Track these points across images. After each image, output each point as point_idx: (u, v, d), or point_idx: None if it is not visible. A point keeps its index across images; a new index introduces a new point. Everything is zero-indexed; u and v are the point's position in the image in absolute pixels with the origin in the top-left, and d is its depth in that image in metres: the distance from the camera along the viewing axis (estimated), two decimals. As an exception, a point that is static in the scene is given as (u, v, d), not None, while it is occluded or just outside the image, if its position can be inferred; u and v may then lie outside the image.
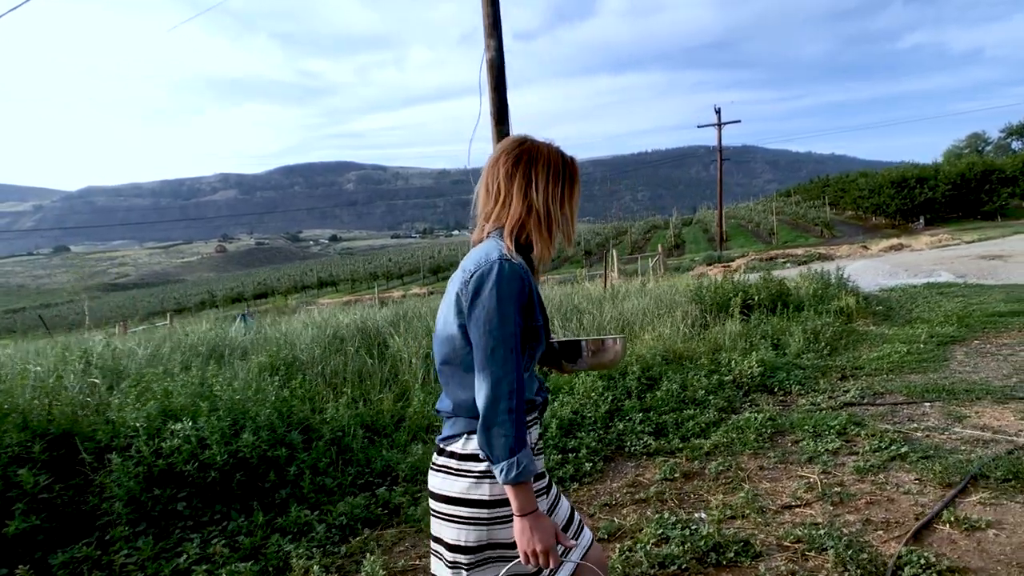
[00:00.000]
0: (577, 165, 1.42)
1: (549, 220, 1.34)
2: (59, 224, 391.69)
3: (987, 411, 3.99)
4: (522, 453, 1.20)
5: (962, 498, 2.77)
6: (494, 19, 7.17)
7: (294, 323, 7.83)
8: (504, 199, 1.34)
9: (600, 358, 1.52)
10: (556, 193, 1.35)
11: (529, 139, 1.39)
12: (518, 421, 1.21)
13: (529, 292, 1.28)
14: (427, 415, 4.20)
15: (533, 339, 1.32)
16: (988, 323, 6.97)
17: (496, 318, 1.22)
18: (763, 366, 5.14)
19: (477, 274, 1.26)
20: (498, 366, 1.21)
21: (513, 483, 1.20)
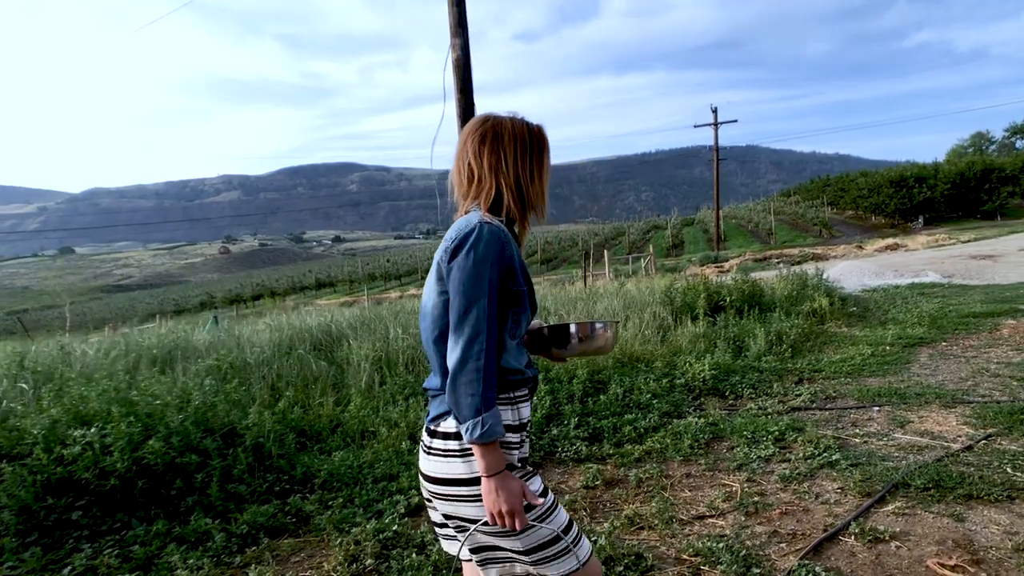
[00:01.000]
0: (544, 133, 1.40)
1: (522, 195, 1.34)
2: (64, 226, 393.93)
3: (933, 416, 3.88)
4: (488, 413, 1.19)
5: (879, 508, 2.68)
6: (459, 18, 7.10)
7: (259, 325, 7.78)
8: (477, 179, 1.34)
9: (589, 344, 1.49)
10: (526, 167, 1.34)
11: (493, 116, 1.38)
12: (486, 381, 1.20)
13: (510, 255, 1.27)
14: (363, 420, 4.12)
15: (516, 304, 1.29)
16: (960, 324, 6.85)
17: (471, 278, 1.21)
18: (717, 369, 5.05)
19: (457, 238, 1.25)
20: (471, 326, 1.20)
21: (479, 442, 1.19)
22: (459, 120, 7.13)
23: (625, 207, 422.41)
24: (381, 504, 3.05)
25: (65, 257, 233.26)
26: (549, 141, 1.41)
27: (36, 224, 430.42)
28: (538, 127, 1.39)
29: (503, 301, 1.26)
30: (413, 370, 5.14)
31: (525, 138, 1.35)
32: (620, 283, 10.91)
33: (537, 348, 1.51)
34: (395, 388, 4.65)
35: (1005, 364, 5.07)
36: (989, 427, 3.56)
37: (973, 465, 3.04)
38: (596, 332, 1.49)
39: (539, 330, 1.50)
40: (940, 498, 2.70)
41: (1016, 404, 3.88)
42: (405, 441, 3.76)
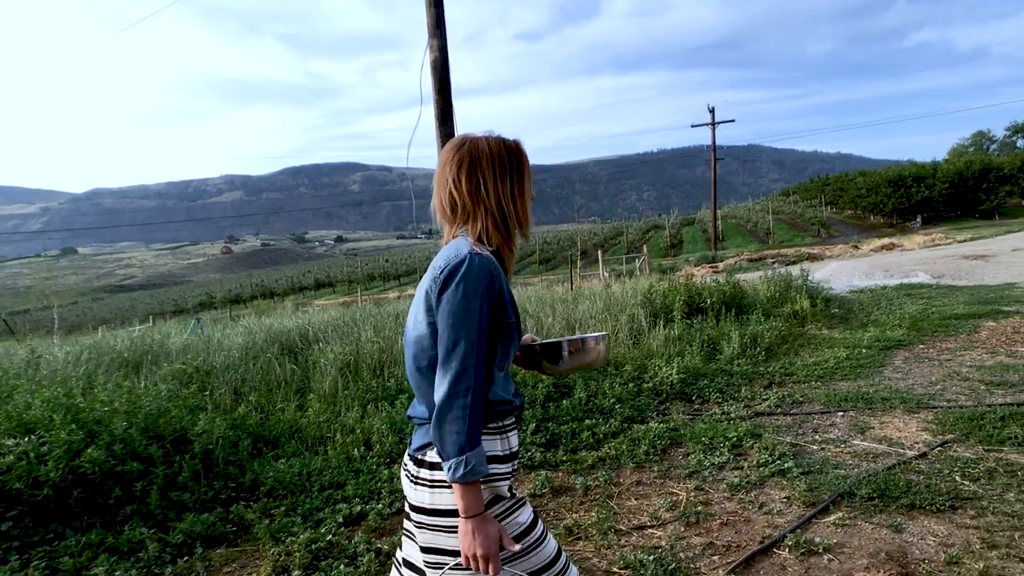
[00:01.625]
0: (522, 148, 1.37)
1: (505, 218, 1.31)
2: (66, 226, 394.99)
3: (895, 421, 3.83)
4: (472, 452, 1.17)
5: (820, 518, 2.63)
6: (437, 19, 7.06)
7: (239, 328, 7.74)
8: (460, 207, 1.31)
9: (582, 359, 1.49)
10: (506, 188, 1.31)
11: (468, 138, 1.35)
12: (472, 419, 1.18)
13: (500, 288, 1.25)
14: (321, 426, 4.08)
15: (505, 336, 1.28)
16: (940, 326, 6.79)
17: (461, 312, 1.20)
18: (686, 373, 5.00)
19: (447, 269, 1.23)
20: (459, 361, 1.18)
21: (461, 482, 1.17)
22: (437, 121, 7.09)
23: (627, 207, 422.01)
24: (323, 513, 3.01)
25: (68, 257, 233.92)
26: (527, 155, 1.38)
27: (39, 224, 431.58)
28: (515, 143, 1.36)
29: (492, 334, 1.25)
30: (380, 374, 5.09)
31: (503, 158, 1.32)
32: (606, 284, 10.86)
33: (529, 363, 1.51)
34: (357, 393, 4.61)
35: (977, 367, 5.01)
36: (948, 433, 3.51)
37: (923, 473, 2.98)
38: (587, 346, 1.49)
39: (531, 346, 1.50)
40: (883, 508, 2.65)
41: (978, 409, 3.83)
42: (359, 448, 3.71)
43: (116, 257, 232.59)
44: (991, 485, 2.80)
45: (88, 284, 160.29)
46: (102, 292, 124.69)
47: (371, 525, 2.89)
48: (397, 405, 4.21)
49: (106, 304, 78.19)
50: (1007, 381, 4.51)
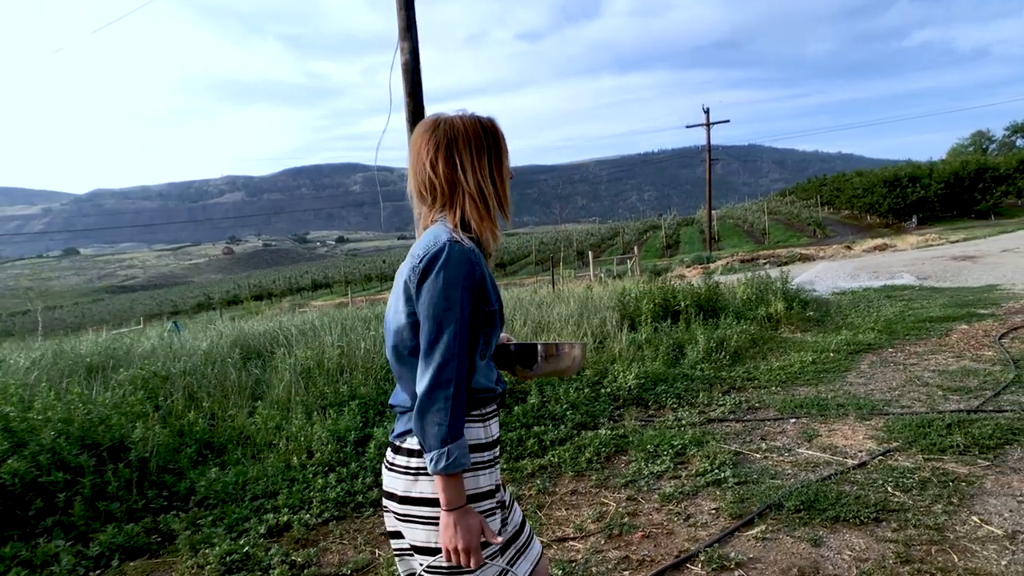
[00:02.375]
0: (497, 126, 1.32)
1: (485, 199, 1.27)
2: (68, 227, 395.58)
3: (844, 429, 3.78)
4: (455, 444, 1.16)
5: (744, 531, 2.58)
6: (408, 21, 7.03)
7: (209, 331, 7.71)
8: (438, 191, 1.27)
9: (555, 364, 1.46)
10: (484, 169, 1.27)
11: (442, 118, 1.30)
12: (454, 411, 1.16)
13: (480, 276, 1.23)
14: (268, 433, 4.04)
15: (487, 324, 1.25)
16: (914, 329, 6.73)
17: (442, 302, 1.17)
18: (645, 378, 4.95)
19: (426, 258, 1.20)
20: (441, 353, 1.16)
21: (443, 474, 1.16)
22: (408, 124, 7.06)
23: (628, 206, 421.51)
24: (249, 523, 2.96)
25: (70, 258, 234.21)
26: (503, 133, 1.33)
27: (41, 225, 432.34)
28: (490, 121, 1.31)
29: (474, 323, 1.22)
30: (337, 380, 5.04)
31: (480, 137, 1.27)
32: (588, 286, 10.81)
33: (502, 364, 1.47)
34: (311, 399, 4.57)
35: (940, 372, 4.95)
36: (893, 441, 3.45)
37: (858, 484, 2.93)
38: (562, 352, 1.45)
39: (506, 346, 1.47)
40: (808, 521, 2.60)
41: (928, 416, 3.77)
42: (301, 456, 3.67)
43: (118, 258, 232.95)
44: (921, 496, 2.74)
45: (90, 285, 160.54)
46: (104, 293, 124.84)
47: (294, 536, 2.85)
48: (344, 412, 4.17)
49: (106, 305, 78.30)
50: (965, 386, 4.46)
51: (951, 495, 2.73)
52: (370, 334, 6.25)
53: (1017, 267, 12.11)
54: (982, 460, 3.08)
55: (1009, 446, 3.25)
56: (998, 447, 3.23)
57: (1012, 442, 3.29)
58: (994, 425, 3.48)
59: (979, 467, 3.02)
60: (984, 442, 3.27)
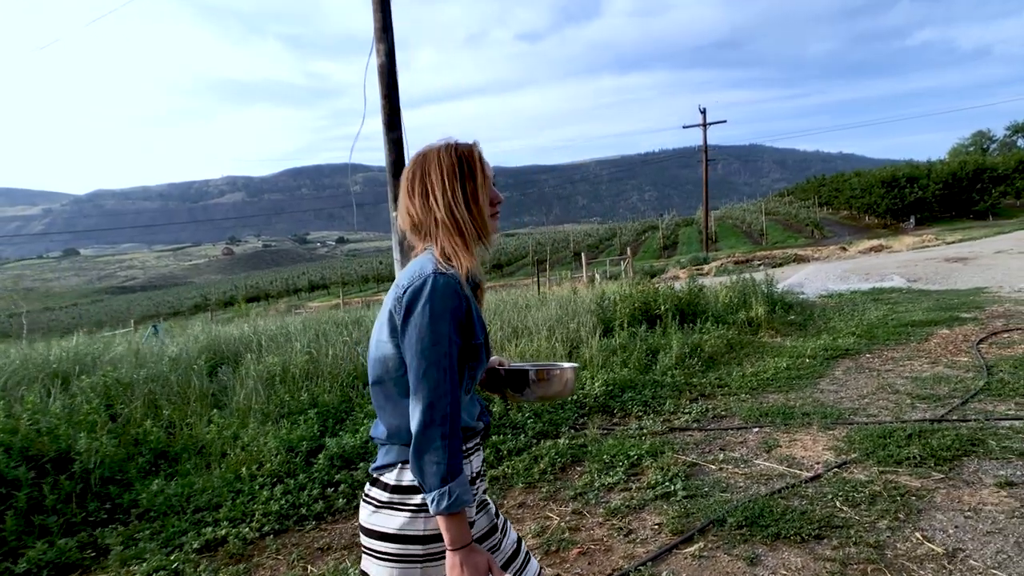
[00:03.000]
0: (475, 152, 1.29)
1: (459, 227, 1.24)
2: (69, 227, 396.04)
3: (806, 439, 3.71)
4: (455, 482, 1.13)
5: (682, 548, 2.51)
6: (384, 22, 6.97)
7: (186, 335, 7.65)
8: (417, 222, 1.27)
9: (547, 389, 1.43)
10: (456, 193, 1.24)
11: (423, 150, 1.30)
12: (451, 448, 1.14)
13: (467, 308, 1.21)
14: (225, 442, 3.98)
15: (472, 358, 1.24)
16: (894, 334, 6.66)
17: (429, 337, 1.15)
18: (612, 385, 4.88)
19: (410, 290, 1.18)
20: (431, 389, 1.14)
21: (445, 514, 1.13)
22: (385, 127, 7.00)
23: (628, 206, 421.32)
24: (187, 537, 2.90)
25: (70, 259, 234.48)
26: (482, 157, 1.29)
27: (41, 226, 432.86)
28: (465, 147, 1.28)
29: (460, 357, 1.20)
30: (302, 386, 4.98)
31: (452, 163, 1.25)
32: (573, 289, 10.74)
33: (493, 387, 1.45)
34: (271, 407, 4.51)
35: (913, 379, 4.88)
36: (852, 452, 3.39)
37: (807, 498, 2.87)
38: (552, 376, 1.42)
39: (496, 370, 1.45)
40: (749, 537, 2.53)
41: (891, 426, 3.70)
42: (251, 466, 3.61)
43: (118, 259, 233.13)
44: (869, 512, 2.68)
45: (90, 286, 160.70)
46: (103, 294, 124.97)
47: (229, 551, 2.79)
48: (301, 421, 4.10)
49: (104, 306, 78.34)
50: (935, 394, 4.39)
51: (899, 510, 2.66)
52: (341, 339, 6.19)
53: (1008, 269, 12.03)
54: (937, 473, 3.01)
55: (967, 457, 3.18)
56: (955, 459, 3.16)
57: (970, 453, 3.22)
58: (954, 436, 3.41)
59: (932, 480, 2.95)
60: (941, 454, 3.20)
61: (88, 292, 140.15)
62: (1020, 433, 3.45)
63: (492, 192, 1.30)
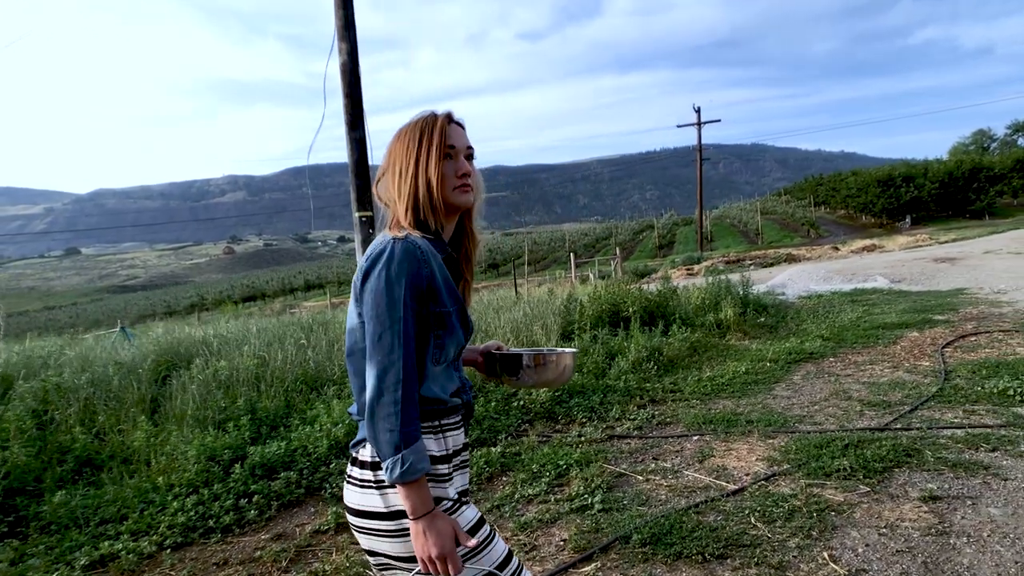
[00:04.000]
0: (435, 120, 1.26)
1: (407, 194, 1.23)
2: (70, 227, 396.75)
3: (743, 448, 3.59)
4: (409, 449, 1.11)
5: (580, 568, 2.40)
6: (346, 20, 6.87)
7: (148, 336, 7.55)
8: (386, 194, 1.28)
9: (543, 375, 1.41)
10: (410, 164, 1.23)
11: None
12: (404, 414, 1.11)
13: (429, 274, 1.18)
14: (152, 449, 3.87)
15: (439, 326, 1.20)
16: (863, 337, 6.53)
17: (384, 301, 1.13)
18: (560, 390, 4.76)
19: (370, 257, 1.18)
20: (384, 354, 1.12)
21: (400, 482, 1.11)
22: (347, 126, 6.90)
23: (630, 206, 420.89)
24: (80, 552, 2.80)
25: (71, 258, 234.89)
26: (443, 126, 1.25)
27: (43, 225, 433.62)
28: (429, 117, 1.26)
29: (422, 324, 1.18)
30: (240, 392, 4.86)
31: (413, 136, 1.24)
32: (549, 290, 10.63)
33: (490, 372, 1.45)
34: (207, 414, 4.40)
35: (870, 384, 4.76)
36: (785, 463, 3.27)
37: (724, 513, 2.75)
38: (548, 362, 1.41)
39: (492, 354, 1.45)
40: (650, 556, 2.41)
41: (832, 435, 3.58)
42: (171, 475, 3.50)
43: (119, 258, 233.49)
44: (783, 528, 2.56)
45: (92, 285, 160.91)
46: (104, 293, 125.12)
47: (120, 566, 2.68)
48: (230, 429, 4.00)
49: (103, 305, 78.46)
50: (887, 401, 4.27)
51: (813, 527, 2.54)
52: (294, 343, 6.09)
53: (992, 270, 11.89)
54: (864, 486, 2.90)
55: (898, 469, 3.06)
56: (886, 470, 3.04)
57: (903, 464, 3.10)
58: (891, 446, 3.30)
59: (857, 494, 2.83)
60: (874, 465, 3.08)
61: (89, 291, 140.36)
62: (959, 443, 3.34)
63: (459, 164, 1.25)
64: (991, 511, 2.58)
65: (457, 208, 1.27)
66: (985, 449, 3.23)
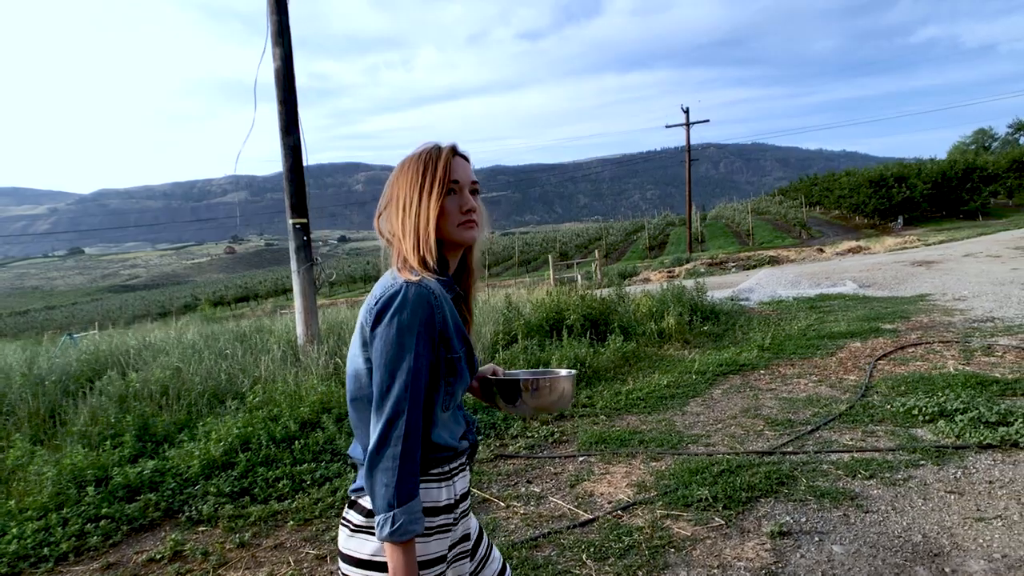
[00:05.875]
0: (441, 155, 1.21)
1: (410, 232, 1.18)
2: (73, 227, 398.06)
3: (621, 472, 3.45)
4: (402, 509, 1.05)
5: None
6: (280, 26, 6.75)
7: (84, 343, 7.44)
8: (389, 230, 1.22)
9: (540, 400, 1.33)
10: (413, 200, 1.18)
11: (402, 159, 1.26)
12: (402, 471, 1.06)
13: (442, 320, 1.14)
14: (20, 467, 3.75)
15: (451, 373, 1.16)
16: (804, 347, 6.39)
17: (394, 349, 1.09)
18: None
19: (381, 300, 1.12)
20: (391, 406, 1.08)
21: (388, 541, 1.06)
22: (281, 132, 6.79)
23: (630, 205, 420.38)
24: None
25: (75, 257, 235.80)
26: (448, 161, 1.20)
27: (47, 225, 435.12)
28: (433, 150, 1.21)
29: (433, 373, 1.14)
30: (132, 407, 4.74)
31: (416, 170, 1.20)
32: (507, 296, 10.48)
33: (487, 397, 1.38)
34: (95, 429, 4.28)
35: (785, 400, 4.62)
36: (653, 490, 3.13)
37: (560, 547, 2.61)
38: (541, 387, 1.32)
39: (488, 380, 1.37)
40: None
41: (717, 459, 3.44)
42: (27, 497, 3.38)
43: (122, 257, 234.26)
44: (612, 567, 2.42)
45: (94, 284, 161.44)
46: (106, 292, 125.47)
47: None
48: (106, 447, 3.87)
49: (101, 305, 78.57)
50: (792, 420, 4.12)
51: (643, 566, 2.40)
52: (215, 354, 5.97)
53: (965, 274, 11.72)
54: (719, 518, 2.75)
55: (764, 499, 2.92)
56: (751, 500, 2.90)
57: (771, 494, 2.96)
58: (769, 472, 3.16)
59: (708, 527, 2.69)
60: (740, 494, 2.94)
61: (91, 291, 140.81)
62: (840, 469, 3.20)
63: (464, 199, 1.21)
64: (834, 548, 2.44)
65: (461, 244, 1.23)
66: (862, 476, 3.08)
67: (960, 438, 3.44)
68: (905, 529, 2.55)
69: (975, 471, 3.04)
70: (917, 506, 2.74)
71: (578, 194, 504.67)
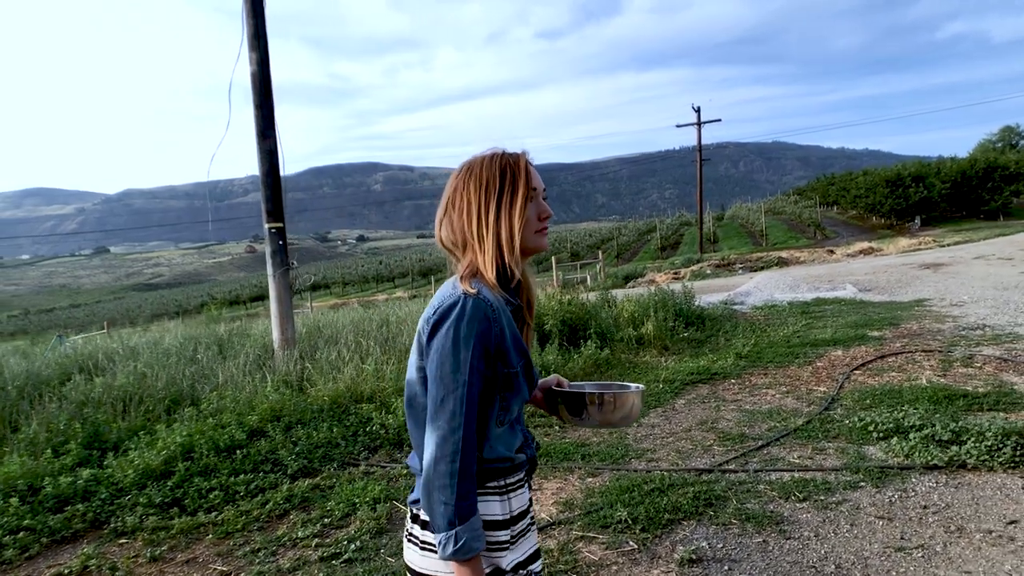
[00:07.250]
0: (521, 162, 1.18)
1: (488, 241, 1.14)
2: (100, 226, 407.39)
3: (551, 489, 3.35)
4: (464, 526, 1.04)
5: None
6: (256, 30, 6.77)
7: (65, 345, 7.54)
8: (458, 240, 1.18)
9: (608, 415, 1.29)
10: (491, 207, 1.15)
11: (468, 162, 1.20)
12: (461, 489, 1.05)
13: (499, 333, 1.11)
14: None
15: (507, 388, 1.14)
16: (783, 355, 6.21)
17: (450, 363, 1.06)
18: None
19: (439, 311, 1.10)
20: (445, 420, 1.06)
21: (452, 560, 1.05)
22: (257, 137, 6.80)
23: (648, 204, 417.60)
24: None
25: (100, 256, 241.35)
26: (525, 167, 1.18)
27: (74, 225, 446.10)
28: (512, 157, 1.18)
29: (488, 387, 1.11)
30: (101, 413, 4.76)
31: (493, 175, 1.16)
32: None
33: (552, 409, 1.35)
34: (45, 437, 4.30)
35: (747, 412, 4.48)
36: (578, 509, 3.03)
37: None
38: (605, 402, 1.28)
39: (554, 392, 1.34)
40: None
41: (655, 476, 3.34)
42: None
43: (146, 256, 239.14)
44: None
45: (119, 283, 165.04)
46: (129, 291, 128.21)
47: None
48: (47, 455, 3.88)
49: (122, 303, 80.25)
50: (746, 434, 3.99)
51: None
52: (185, 358, 5.99)
53: (970, 278, 11.34)
54: (634, 542, 2.65)
55: (687, 521, 2.81)
56: (672, 523, 2.79)
57: (695, 516, 2.85)
58: (697, 492, 3.04)
59: (620, 552, 2.59)
60: (662, 516, 2.83)
61: (116, 289, 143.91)
62: (776, 489, 3.07)
63: (540, 206, 1.19)
64: (741, 579, 2.33)
65: (535, 252, 1.20)
66: (795, 499, 2.95)
67: (908, 457, 3.29)
68: (821, 558, 2.43)
69: (913, 495, 2.89)
70: (841, 532, 2.61)
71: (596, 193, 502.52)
